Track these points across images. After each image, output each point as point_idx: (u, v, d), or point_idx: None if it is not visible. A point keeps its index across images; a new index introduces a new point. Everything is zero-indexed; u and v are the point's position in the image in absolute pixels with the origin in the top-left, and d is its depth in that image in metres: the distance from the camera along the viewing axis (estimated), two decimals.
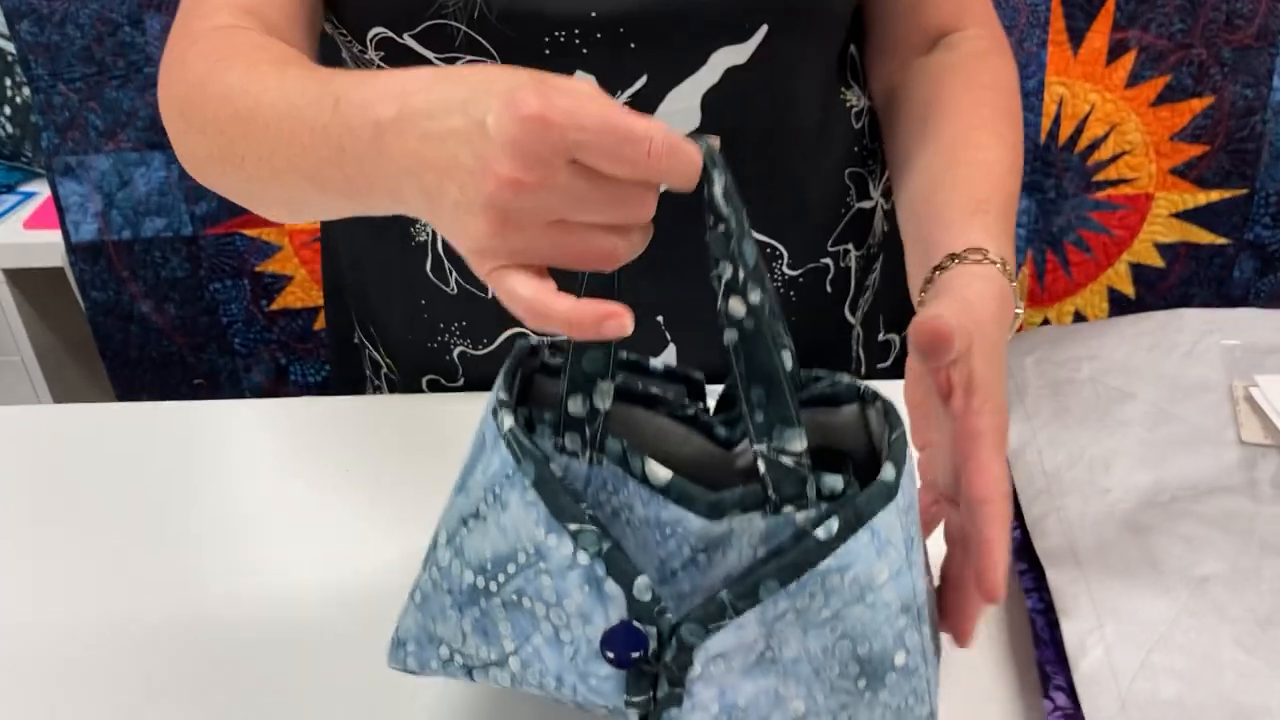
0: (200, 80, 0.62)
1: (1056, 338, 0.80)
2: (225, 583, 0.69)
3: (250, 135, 0.57)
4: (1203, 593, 0.59)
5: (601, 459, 0.49)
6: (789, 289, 0.83)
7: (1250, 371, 0.74)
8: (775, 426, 0.46)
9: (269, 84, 0.57)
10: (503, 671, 0.50)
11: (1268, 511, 0.64)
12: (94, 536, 0.73)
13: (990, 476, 0.51)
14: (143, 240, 1.35)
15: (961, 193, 0.65)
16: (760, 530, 0.47)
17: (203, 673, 0.63)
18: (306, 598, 0.67)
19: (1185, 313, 0.80)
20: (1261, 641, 0.56)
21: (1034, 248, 1.32)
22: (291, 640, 0.64)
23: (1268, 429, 0.69)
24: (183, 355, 1.44)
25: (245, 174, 0.59)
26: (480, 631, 0.50)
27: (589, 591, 0.47)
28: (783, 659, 0.47)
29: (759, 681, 0.47)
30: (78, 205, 1.33)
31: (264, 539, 0.72)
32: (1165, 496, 0.66)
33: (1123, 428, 0.71)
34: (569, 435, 0.50)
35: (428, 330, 0.85)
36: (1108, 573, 0.61)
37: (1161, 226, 1.30)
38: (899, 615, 0.49)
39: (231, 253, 1.37)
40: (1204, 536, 0.62)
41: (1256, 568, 0.60)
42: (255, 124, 0.57)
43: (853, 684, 0.49)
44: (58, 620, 0.67)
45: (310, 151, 0.52)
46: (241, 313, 1.41)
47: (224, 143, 0.60)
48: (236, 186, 0.63)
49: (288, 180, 0.56)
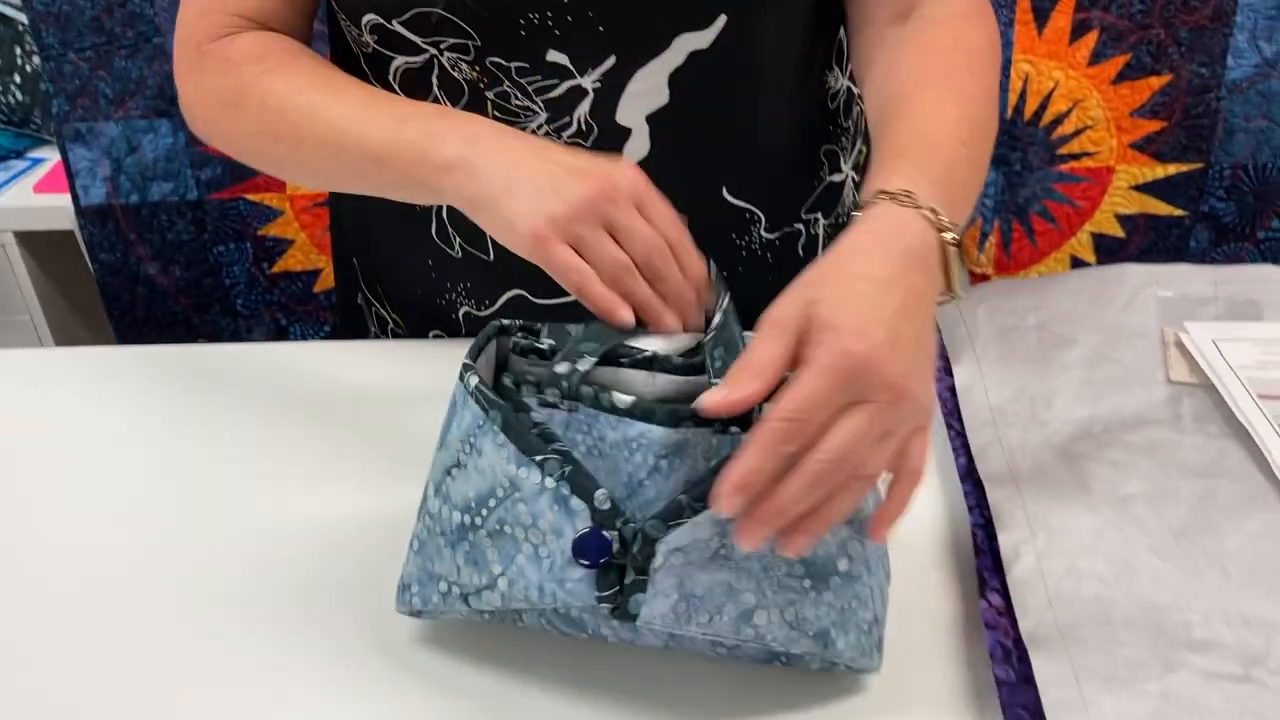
0: (250, 83, 0.75)
1: (1007, 290, 0.86)
2: (226, 523, 0.74)
3: (303, 147, 0.73)
4: (1125, 510, 0.66)
5: (577, 405, 0.58)
6: (766, 250, 0.89)
7: (1181, 319, 0.80)
8: (730, 367, 0.55)
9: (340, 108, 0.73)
10: (493, 593, 0.58)
11: (1189, 441, 0.71)
12: (102, 472, 0.79)
13: (786, 396, 0.51)
14: (150, 204, 1.41)
15: (885, 146, 0.67)
16: (712, 444, 0.56)
17: (197, 613, 0.68)
18: (309, 538, 0.73)
19: (1127, 267, 0.87)
20: (1174, 550, 0.63)
21: (1001, 218, 1.38)
22: (292, 579, 0.69)
23: (1193, 369, 0.76)
24: (187, 316, 1.50)
25: (289, 163, 0.77)
26: (471, 562, 0.58)
27: (558, 510, 0.55)
28: (735, 556, 0.55)
29: (714, 575, 0.55)
30: (87, 170, 1.39)
31: (266, 478, 0.78)
32: (1098, 428, 0.72)
33: (1064, 369, 0.78)
34: (550, 390, 0.59)
35: (436, 287, 0.91)
36: (1042, 492, 0.67)
37: (1122, 198, 1.37)
38: (841, 526, 0.57)
39: (235, 217, 1.43)
40: (1130, 462, 0.69)
41: (1175, 488, 0.67)
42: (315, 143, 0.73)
43: (799, 583, 0.56)
44: (73, 545, 0.73)
45: (383, 157, 0.70)
46: (244, 275, 1.47)
47: (270, 143, 0.76)
48: (269, 168, 0.79)
49: (347, 160, 0.72)
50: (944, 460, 0.75)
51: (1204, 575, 0.61)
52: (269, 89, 0.74)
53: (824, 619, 0.57)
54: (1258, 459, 0.69)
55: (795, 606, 0.56)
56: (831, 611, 0.57)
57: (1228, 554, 0.62)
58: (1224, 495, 0.66)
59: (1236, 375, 0.75)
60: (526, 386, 0.60)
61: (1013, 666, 0.58)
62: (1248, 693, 0.55)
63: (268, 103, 0.74)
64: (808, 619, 0.56)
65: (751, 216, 0.86)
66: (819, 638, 0.57)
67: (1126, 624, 0.59)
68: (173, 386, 0.87)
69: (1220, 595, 0.60)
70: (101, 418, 0.84)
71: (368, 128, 0.70)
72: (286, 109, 0.73)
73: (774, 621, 0.56)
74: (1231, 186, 1.35)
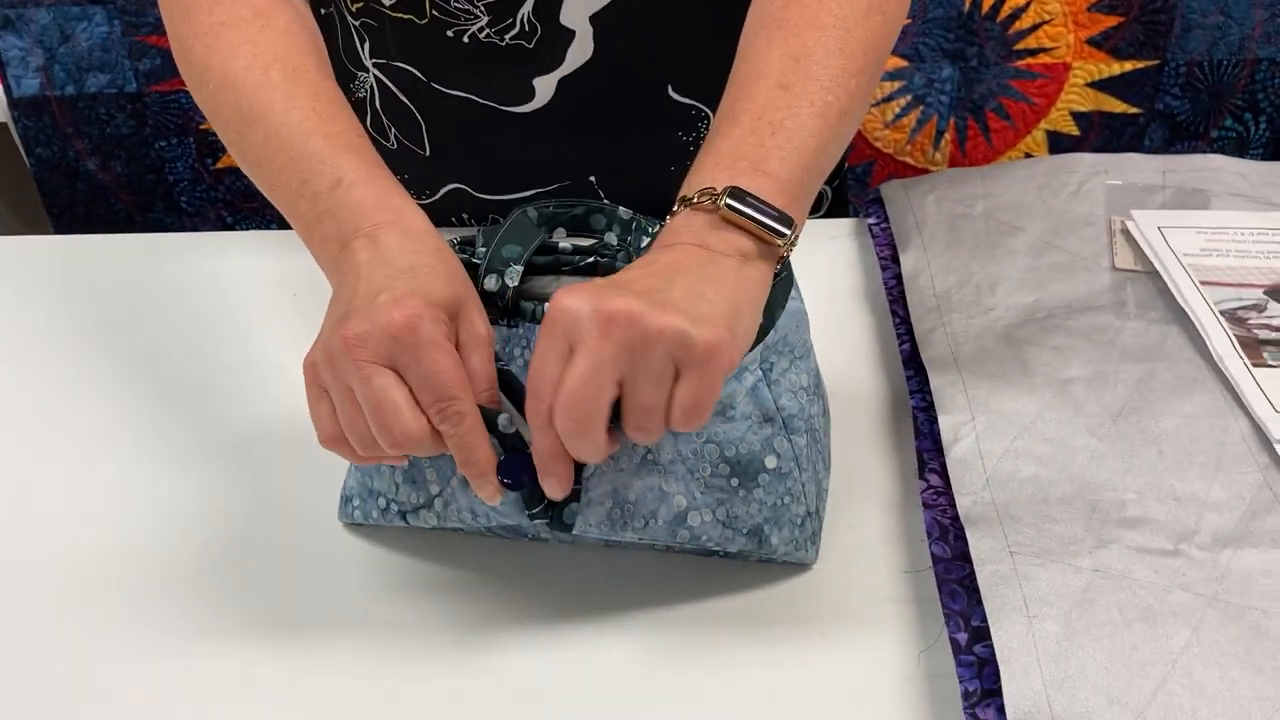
0: (219, 64, 0.64)
1: (956, 179, 0.86)
2: (167, 421, 0.74)
3: (246, 139, 0.63)
4: (1065, 392, 0.66)
5: (518, 322, 0.57)
6: None
7: (1129, 208, 0.80)
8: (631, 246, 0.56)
9: (284, 111, 0.61)
10: (430, 512, 0.58)
11: (1131, 326, 0.71)
12: (38, 371, 0.78)
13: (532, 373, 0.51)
14: (86, 96, 1.37)
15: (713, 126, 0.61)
16: None
17: (134, 511, 0.68)
18: (252, 431, 0.72)
19: (1077, 156, 0.86)
20: (1111, 431, 0.64)
21: (956, 115, 1.37)
22: (241, 481, 0.69)
23: (1138, 257, 0.76)
24: (130, 214, 1.46)
25: (233, 148, 0.65)
26: (410, 481, 0.58)
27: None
28: (662, 460, 0.55)
29: (645, 480, 0.55)
30: (18, 59, 1.34)
31: (207, 368, 0.77)
32: (1042, 314, 0.72)
33: (1009, 256, 0.77)
34: (487, 309, 0.57)
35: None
36: (983, 376, 0.68)
37: (1077, 95, 1.36)
38: (761, 425, 0.57)
39: (176, 110, 1.39)
40: (1071, 346, 0.69)
41: (1115, 371, 0.67)
42: (256, 133, 0.62)
43: (726, 482, 0.56)
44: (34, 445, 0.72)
45: (288, 195, 0.60)
46: (187, 171, 1.43)
47: (223, 125, 0.65)
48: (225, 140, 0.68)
49: (260, 180, 0.63)
50: (888, 346, 0.75)
51: (1139, 455, 0.62)
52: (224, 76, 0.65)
53: (756, 516, 0.57)
54: (1197, 343, 0.69)
55: (726, 506, 0.57)
56: (763, 509, 0.57)
57: (1163, 434, 0.63)
58: (1162, 378, 0.67)
59: (1180, 262, 0.75)
60: None
61: (949, 544, 0.59)
62: (1176, 566, 0.55)
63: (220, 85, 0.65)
64: (739, 517, 0.57)
65: (698, 114, 0.85)
66: (753, 534, 0.57)
67: (1062, 502, 0.59)
68: (114, 278, 0.85)
69: (1154, 474, 0.61)
70: (36, 311, 0.82)
71: (275, 176, 0.62)
72: (239, 100, 0.64)
73: (707, 522, 0.56)
74: (1187, 84, 1.34)
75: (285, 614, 0.59)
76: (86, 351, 0.78)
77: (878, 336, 0.76)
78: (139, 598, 0.60)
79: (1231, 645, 0.52)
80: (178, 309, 0.82)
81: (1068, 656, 0.51)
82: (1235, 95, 1.35)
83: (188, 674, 0.56)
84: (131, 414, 0.72)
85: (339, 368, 0.51)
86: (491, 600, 0.59)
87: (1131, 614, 0.53)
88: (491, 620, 0.58)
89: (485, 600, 0.59)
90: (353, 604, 0.59)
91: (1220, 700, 0.49)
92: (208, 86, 0.65)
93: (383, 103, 0.85)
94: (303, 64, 0.64)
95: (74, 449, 0.70)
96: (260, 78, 0.63)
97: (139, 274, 0.86)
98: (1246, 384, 0.65)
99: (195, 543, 0.63)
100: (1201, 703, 0.49)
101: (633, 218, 0.61)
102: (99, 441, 0.70)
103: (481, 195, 0.87)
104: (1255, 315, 0.71)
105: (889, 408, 0.71)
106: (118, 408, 0.73)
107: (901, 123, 1.38)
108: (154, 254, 0.88)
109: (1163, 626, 0.52)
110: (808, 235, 0.86)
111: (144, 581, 0.61)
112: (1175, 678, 0.51)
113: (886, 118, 1.38)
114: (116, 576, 0.61)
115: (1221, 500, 0.59)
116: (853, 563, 0.61)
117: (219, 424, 0.71)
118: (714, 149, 0.57)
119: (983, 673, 0.52)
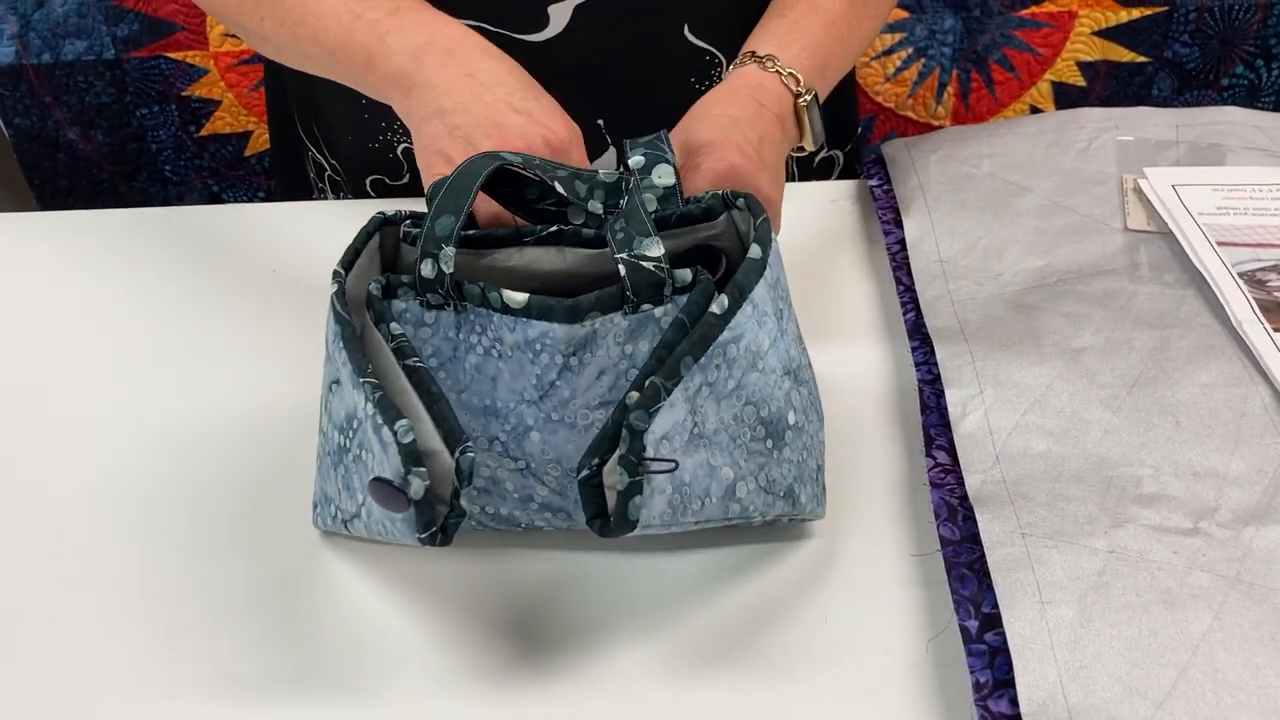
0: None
1: (960, 137, 0.82)
2: (154, 398, 0.71)
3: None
4: (1077, 362, 0.63)
5: (464, 305, 0.53)
6: None
7: (1141, 165, 0.77)
8: (634, 239, 0.52)
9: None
10: (359, 522, 0.53)
11: (1145, 290, 0.68)
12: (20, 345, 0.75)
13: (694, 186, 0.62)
14: (64, 64, 1.33)
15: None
16: (624, 328, 0.52)
17: (116, 486, 0.66)
18: (236, 416, 0.70)
19: (1086, 111, 0.83)
20: (1126, 403, 0.61)
21: (959, 67, 1.33)
22: (226, 459, 0.67)
23: (1151, 217, 0.73)
24: (114, 184, 1.43)
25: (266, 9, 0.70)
26: (347, 486, 0.54)
27: (379, 439, 0.48)
28: (706, 432, 0.51)
29: (695, 456, 0.51)
30: None
31: (194, 344, 0.75)
32: (1052, 279, 0.70)
33: (1017, 219, 0.74)
34: (430, 295, 0.54)
35: (369, 131, 0.87)
36: (991, 346, 0.65)
37: (1084, 44, 1.32)
38: (783, 378, 0.54)
39: (157, 77, 1.35)
40: (1083, 313, 0.67)
41: (1129, 339, 0.65)
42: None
43: (763, 445, 0.53)
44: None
45: (338, 33, 0.66)
46: (170, 139, 1.40)
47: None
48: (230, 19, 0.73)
49: (302, 33, 0.68)
50: (892, 316, 0.72)
51: (1155, 428, 0.59)
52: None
53: (788, 476, 0.55)
54: (1215, 308, 0.66)
55: (765, 470, 0.54)
56: (792, 467, 0.55)
57: (1180, 405, 0.60)
58: (1179, 345, 0.64)
59: (1196, 221, 0.72)
60: (403, 290, 0.55)
61: (958, 525, 0.56)
62: (1196, 546, 0.53)
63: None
64: (776, 480, 0.54)
65: (712, 58, 0.84)
66: (788, 496, 0.55)
67: (1075, 479, 0.57)
68: (100, 253, 0.83)
69: (1171, 447, 0.58)
70: (23, 288, 0.80)
71: (324, 19, 0.66)
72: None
73: (751, 490, 0.53)
74: (1196, 30, 1.30)
75: (271, 606, 0.57)
76: (67, 331, 0.75)
77: (881, 305, 0.73)
78: (118, 576, 0.57)
79: (1256, 630, 0.49)
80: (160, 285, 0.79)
81: (1083, 644, 0.49)
82: (1247, 41, 1.31)
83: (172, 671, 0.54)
84: (114, 394, 0.70)
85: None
86: (488, 607, 0.57)
87: (1149, 598, 0.51)
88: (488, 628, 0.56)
89: (477, 608, 0.57)
90: (339, 612, 0.57)
91: (1245, 689, 0.47)
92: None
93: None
94: None
95: (59, 428, 0.67)
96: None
97: (119, 250, 0.83)
98: (1267, 350, 0.62)
99: (179, 523, 0.60)
100: (1225, 691, 0.47)
101: (618, 178, 0.57)
102: (88, 420, 0.68)
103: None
104: (1275, 277, 0.68)
105: (892, 379, 0.68)
106: (99, 386, 0.70)
107: (903, 76, 1.34)
108: (131, 230, 0.85)
109: (1183, 611, 0.50)
110: (807, 198, 0.83)
111: (125, 562, 0.58)
112: (1197, 665, 0.48)
113: (887, 71, 1.34)
114: (102, 558, 0.59)
115: (1242, 474, 0.56)
116: (857, 546, 0.58)
117: (209, 405, 0.68)
118: (803, 32, 0.72)
119: (994, 662, 0.50)
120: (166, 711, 0.52)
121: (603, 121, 0.84)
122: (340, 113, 0.88)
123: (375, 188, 0.91)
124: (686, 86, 0.84)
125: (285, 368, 0.70)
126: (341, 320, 0.53)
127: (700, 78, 0.84)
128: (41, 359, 0.73)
